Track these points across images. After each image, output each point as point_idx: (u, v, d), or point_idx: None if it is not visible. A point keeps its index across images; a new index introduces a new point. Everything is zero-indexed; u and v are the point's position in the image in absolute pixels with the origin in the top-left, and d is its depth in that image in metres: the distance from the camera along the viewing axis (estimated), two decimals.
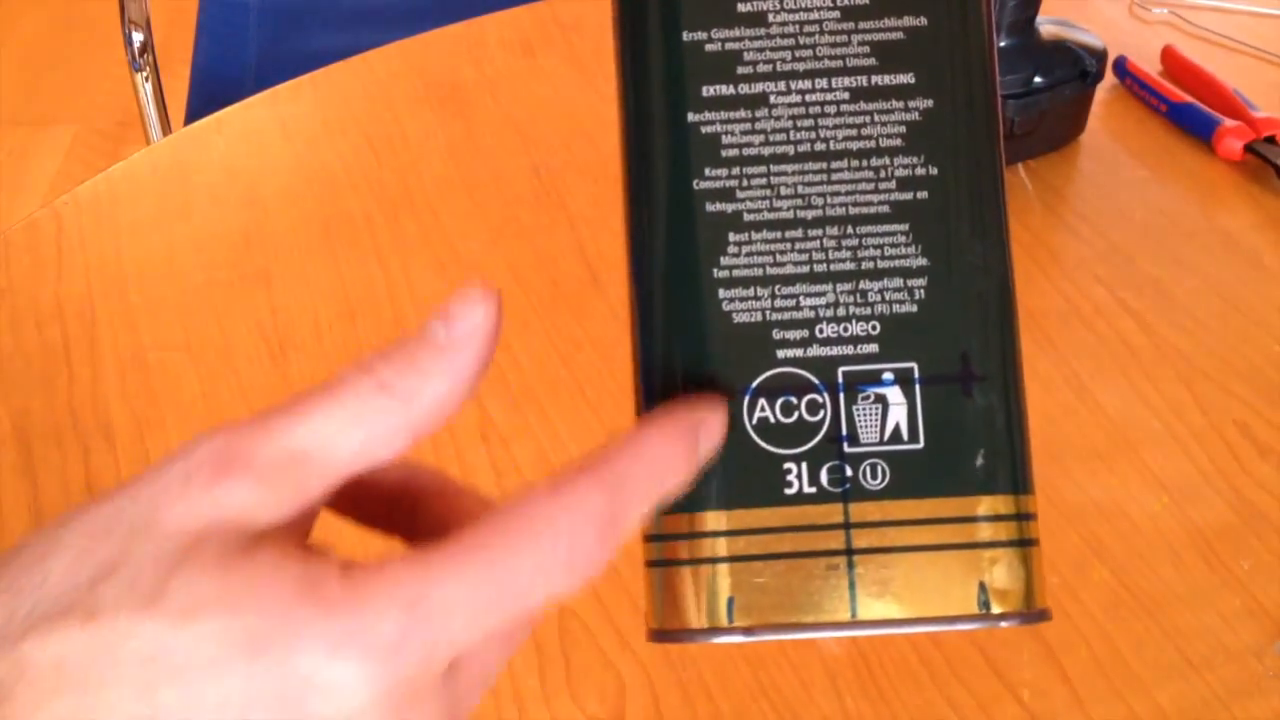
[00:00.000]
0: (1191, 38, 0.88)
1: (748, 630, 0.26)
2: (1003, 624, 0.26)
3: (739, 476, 0.27)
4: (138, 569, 0.23)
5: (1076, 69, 0.76)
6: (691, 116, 0.28)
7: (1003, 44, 0.74)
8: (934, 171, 0.27)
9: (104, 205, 0.78)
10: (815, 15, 0.28)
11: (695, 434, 0.25)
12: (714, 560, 0.27)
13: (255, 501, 0.25)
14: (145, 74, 1.08)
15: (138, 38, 1.07)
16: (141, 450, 0.64)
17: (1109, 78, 0.83)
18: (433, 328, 0.27)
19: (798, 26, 0.28)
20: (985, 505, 0.26)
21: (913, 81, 0.28)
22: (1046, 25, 0.76)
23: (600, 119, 0.83)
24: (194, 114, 1.08)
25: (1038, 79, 0.75)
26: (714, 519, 0.27)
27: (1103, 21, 0.89)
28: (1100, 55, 0.77)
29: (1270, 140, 0.77)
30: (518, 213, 0.77)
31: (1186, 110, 0.80)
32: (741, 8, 0.28)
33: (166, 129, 1.10)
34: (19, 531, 0.61)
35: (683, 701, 0.53)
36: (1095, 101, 0.79)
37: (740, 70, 0.28)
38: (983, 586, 0.26)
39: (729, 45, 0.28)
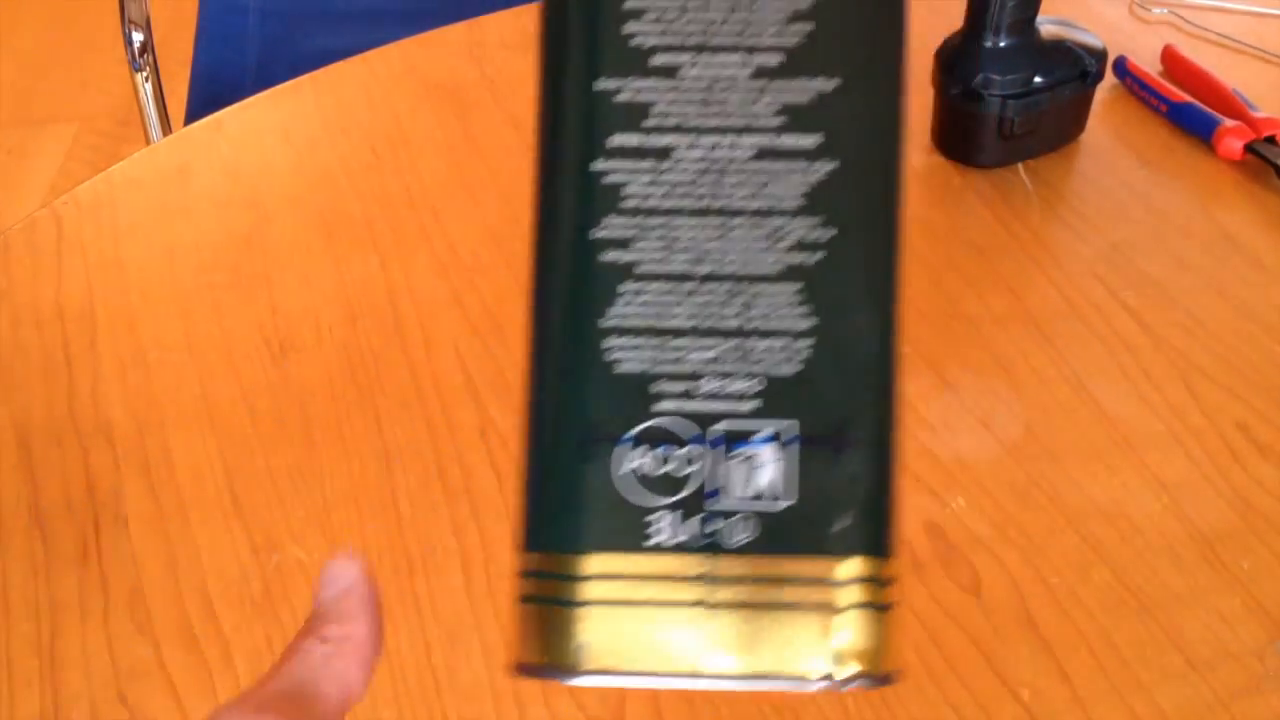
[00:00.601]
0: (1191, 38, 0.88)
1: (597, 673, 0.26)
2: (847, 687, 0.26)
3: (606, 523, 0.27)
4: None
5: (1076, 69, 0.76)
6: (596, 165, 0.28)
7: (1003, 44, 0.74)
8: (829, 236, 0.27)
9: (104, 205, 0.78)
10: (728, 72, 0.28)
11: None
12: (572, 603, 0.27)
13: None
14: (145, 74, 1.08)
15: (138, 38, 1.07)
16: (141, 450, 0.64)
17: (1109, 78, 0.83)
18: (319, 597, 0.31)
19: (709, 82, 0.28)
20: (845, 568, 0.26)
21: (817, 144, 0.28)
22: (1046, 25, 0.76)
23: None
24: (194, 114, 1.08)
25: (1038, 79, 0.75)
26: (577, 562, 0.27)
27: (1103, 21, 0.89)
28: (1100, 55, 0.77)
29: (1270, 140, 0.77)
30: (518, 213, 0.77)
31: (1186, 110, 0.80)
32: (656, 60, 0.28)
33: (166, 129, 1.10)
34: (19, 531, 0.61)
35: (683, 702, 0.53)
36: (1095, 101, 0.79)
37: (648, 122, 0.28)
38: (833, 648, 0.26)
39: (640, 97, 0.28)
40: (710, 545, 0.26)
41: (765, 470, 0.26)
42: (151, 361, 0.69)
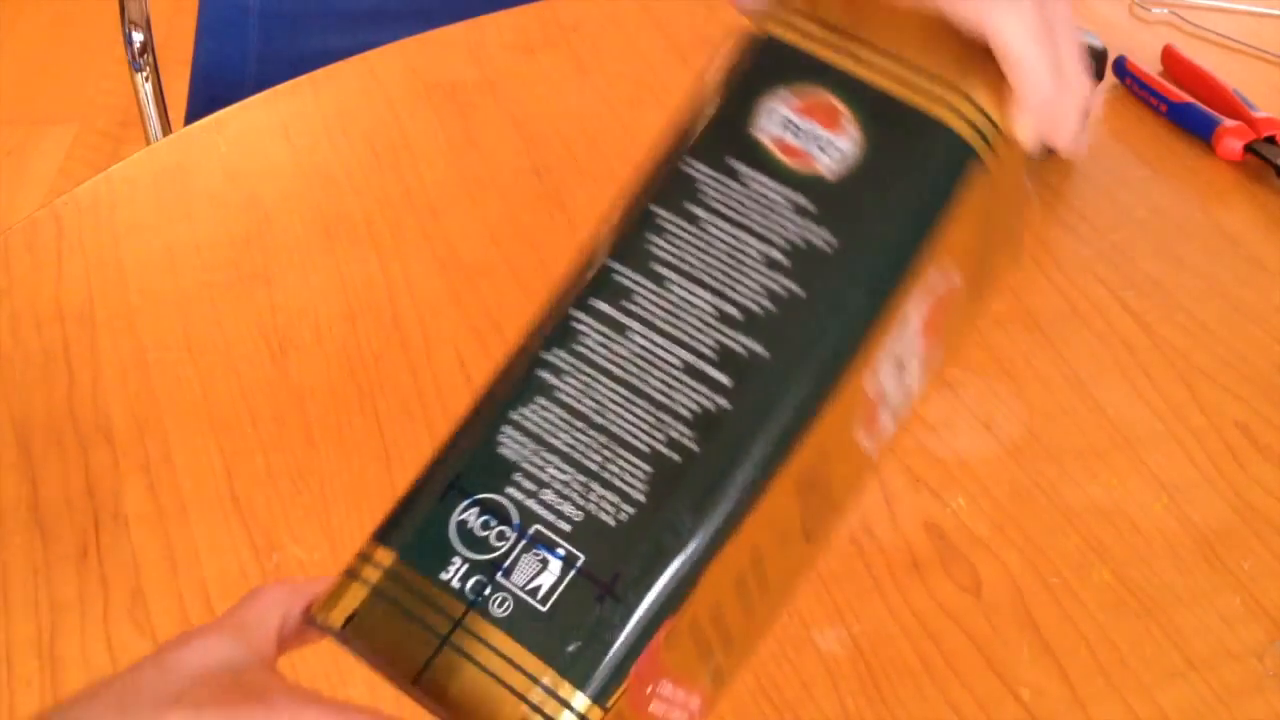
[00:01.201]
0: (1191, 38, 0.88)
1: (348, 644, 0.33)
2: None
3: (420, 543, 0.33)
4: None
5: None
6: (574, 312, 0.35)
7: None
8: (693, 454, 0.33)
9: (104, 205, 0.78)
10: (697, 301, 0.34)
11: None
12: (364, 582, 0.33)
13: None
14: (145, 74, 1.08)
15: (138, 38, 1.07)
16: (141, 450, 0.64)
17: (1109, 78, 0.83)
18: None
19: (679, 302, 0.34)
20: (550, 678, 0.31)
21: (727, 385, 0.33)
22: None
23: (600, 119, 0.83)
24: (194, 114, 1.07)
25: None
26: (384, 554, 0.33)
27: (1103, 21, 0.89)
28: (1100, 55, 0.77)
29: (1270, 140, 0.77)
30: (518, 213, 0.77)
31: (1186, 110, 0.80)
32: (654, 267, 0.35)
33: (166, 129, 1.10)
34: (19, 531, 0.61)
35: None
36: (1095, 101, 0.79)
37: (624, 304, 0.34)
38: None
39: (629, 283, 0.35)
40: (476, 603, 0.32)
41: (545, 575, 0.32)
42: (151, 361, 0.69)
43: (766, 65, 0.36)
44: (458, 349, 0.68)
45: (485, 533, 0.33)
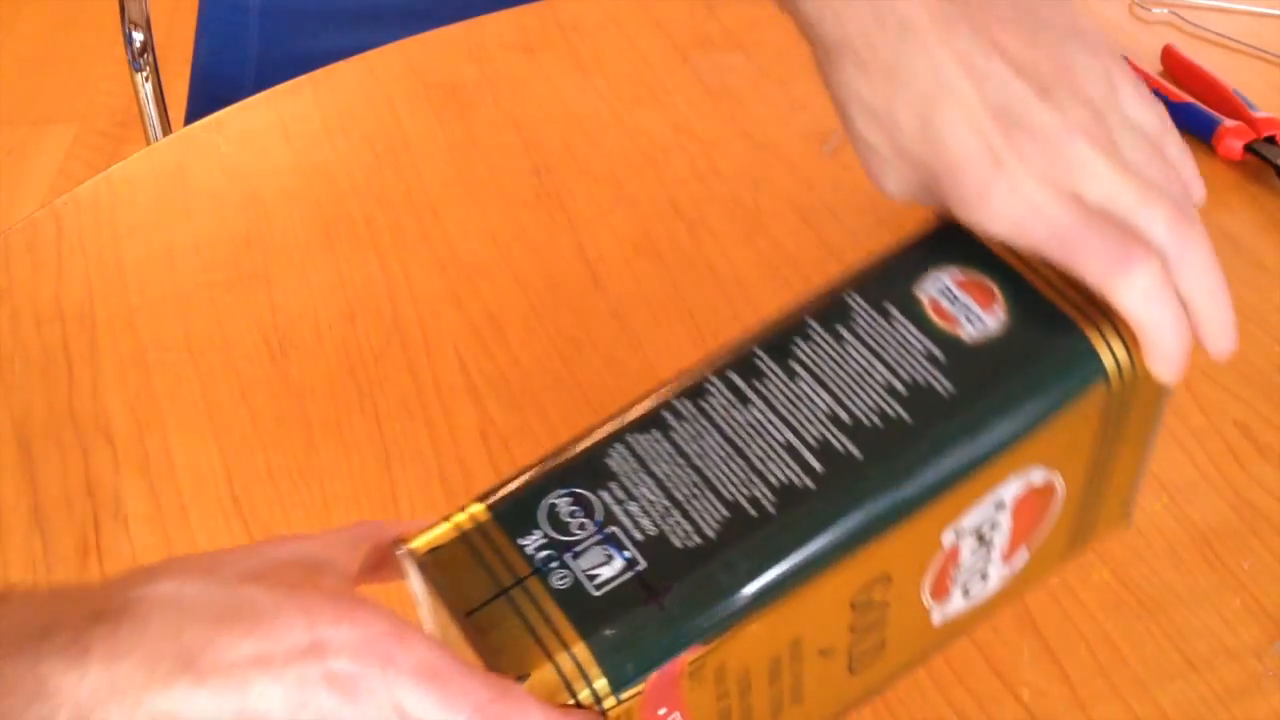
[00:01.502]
0: (1191, 38, 0.88)
1: (424, 571, 0.37)
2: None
3: (513, 510, 0.37)
4: None
5: None
6: (709, 376, 0.40)
7: None
8: (770, 517, 0.37)
9: (104, 205, 0.78)
10: (816, 399, 0.38)
11: None
12: (456, 526, 0.37)
13: None
14: (145, 74, 1.08)
15: (138, 38, 1.07)
16: (141, 450, 0.64)
17: None
18: None
19: (802, 392, 0.39)
20: (580, 651, 0.35)
21: (818, 471, 0.37)
22: None
23: (600, 119, 0.83)
24: (194, 114, 1.07)
25: None
26: (480, 511, 0.38)
27: (1103, 21, 0.89)
28: None
29: (1270, 140, 0.77)
30: (518, 213, 0.77)
31: (1186, 110, 0.80)
32: (791, 363, 0.39)
33: (166, 129, 1.10)
34: (19, 531, 0.61)
35: None
36: None
37: (755, 383, 0.39)
38: (523, 676, 0.35)
39: (765, 368, 0.39)
40: (541, 571, 0.36)
41: (607, 569, 0.36)
42: (151, 361, 0.69)
43: (945, 243, 0.41)
44: (458, 349, 0.68)
45: (569, 519, 0.37)
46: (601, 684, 0.35)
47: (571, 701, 0.35)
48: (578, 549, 0.36)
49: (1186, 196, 0.41)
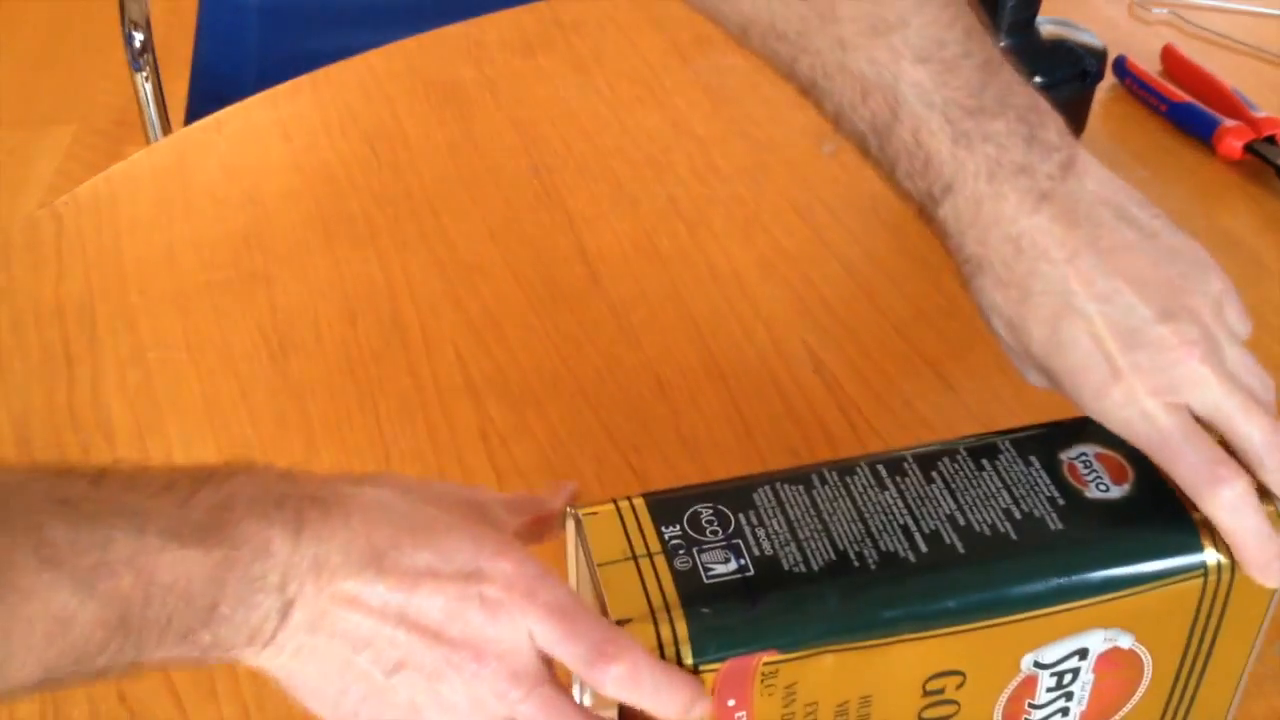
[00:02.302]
0: (1191, 38, 0.88)
1: (578, 525, 0.43)
2: None
3: (664, 508, 0.44)
4: None
5: (1076, 69, 0.76)
6: (860, 462, 0.46)
7: (1003, 44, 0.74)
8: (869, 567, 0.42)
9: (104, 205, 0.78)
10: (941, 501, 0.44)
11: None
12: (615, 506, 0.44)
13: None
14: (145, 74, 1.08)
15: (138, 38, 1.07)
16: (142, 450, 0.64)
17: (1109, 78, 0.83)
18: None
19: (931, 494, 0.44)
20: (678, 617, 0.40)
21: (923, 544, 0.43)
22: (1046, 25, 0.76)
23: (600, 119, 0.83)
24: (194, 114, 1.07)
25: (1038, 79, 0.74)
26: (639, 502, 0.44)
27: (1103, 21, 0.89)
28: (1100, 55, 0.77)
29: (1270, 140, 0.77)
30: (518, 213, 0.77)
31: (1186, 110, 0.80)
32: (930, 472, 0.45)
33: (166, 129, 1.10)
34: None
35: None
36: (1095, 101, 0.79)
37: (894, 476, 0.45)
38: (625, 621, 0.41)
39: (906, 468, 0.45)
40: (669, 552, 0.42)
41: (721, 566, 0.42)
42: (151, 360, 0.69)
43: (1097, 428, 0.46)
44: (458, 349, 0.68)
45: (706, 524, 0.43)
46: (686, 649, 0.40)
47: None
48: (704, 546, 0.42)
49: (1272, 397, 0.47)
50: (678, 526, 0.43)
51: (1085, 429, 0.46)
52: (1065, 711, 0.45)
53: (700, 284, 0.72)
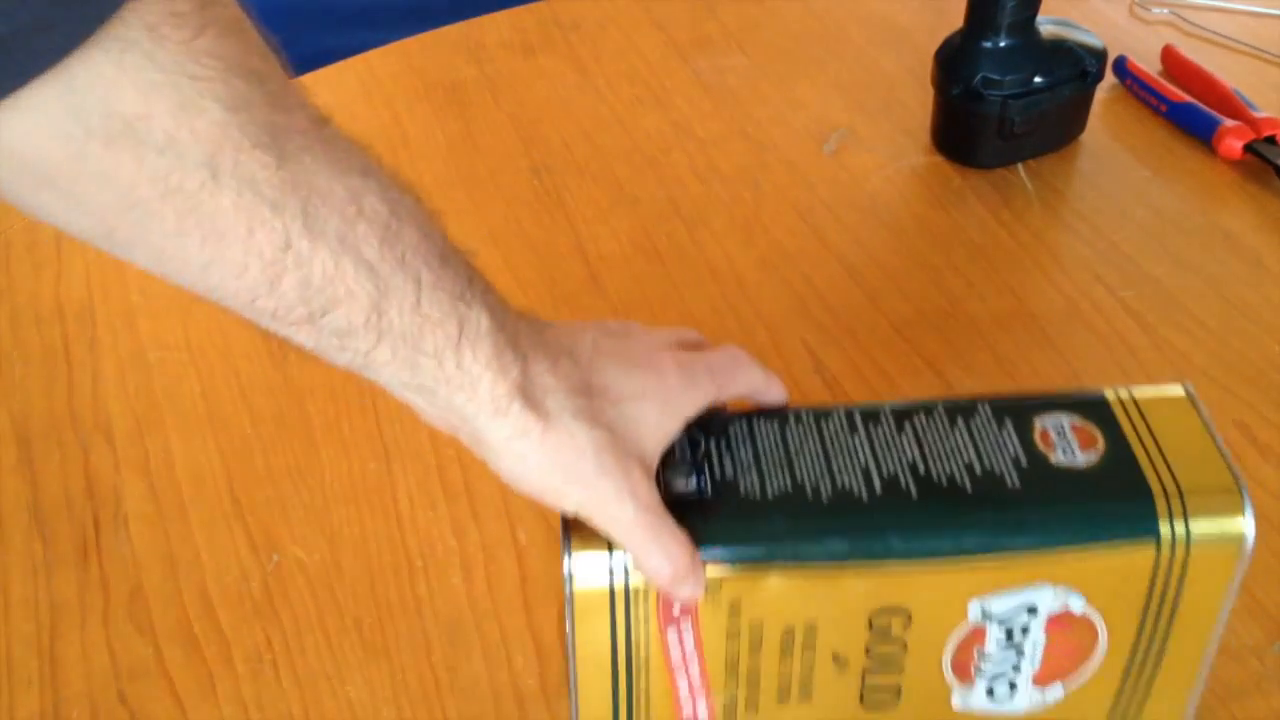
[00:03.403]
0: (1191, 38, 0.88)
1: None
2: None
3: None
4: None
5: (1076, 69, 0.76)
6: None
7: (1003, 44, 0.74)
8: (864, 497, 0.44)
9: None
10: (904, 446, 0.46)
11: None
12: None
13: None
14: None
15: None
16: (141, 450, 0.64)
17: (1109, 78, 0.83)
18: None
19: (896, 437, 0.46)
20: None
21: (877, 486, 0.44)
22: (1046, 25, 0.76)
23: (600, 119, 0.83)
24: None
25: (1038, 79, 0.75)
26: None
27: (1103, 21, 0.89)
28: (1100, 55, 0.77)
29: (1270, 140, 0.77)
30: (518, 213, 0.77)
31: (1186, 110, 0.80)
32: (900, 419, 0.47)
33: None
34: (19, 531, 0.61)
35: None
36: (1095, 101, 0.79)
37: (905, 424, 0.46)
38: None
39: (886, 415, 0.47)
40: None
41: (683, 484, 0.44)
42: (151, 361, 0.69)
43: (1078, 399, 0.47)
44: None
45: (677, 446, 0.45)
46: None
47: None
48: (670, 465, 0.45)
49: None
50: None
51: (1067, 400, 0.47)
52: (1016, 668, 0.46)
53: (700, 284, 0.72)
